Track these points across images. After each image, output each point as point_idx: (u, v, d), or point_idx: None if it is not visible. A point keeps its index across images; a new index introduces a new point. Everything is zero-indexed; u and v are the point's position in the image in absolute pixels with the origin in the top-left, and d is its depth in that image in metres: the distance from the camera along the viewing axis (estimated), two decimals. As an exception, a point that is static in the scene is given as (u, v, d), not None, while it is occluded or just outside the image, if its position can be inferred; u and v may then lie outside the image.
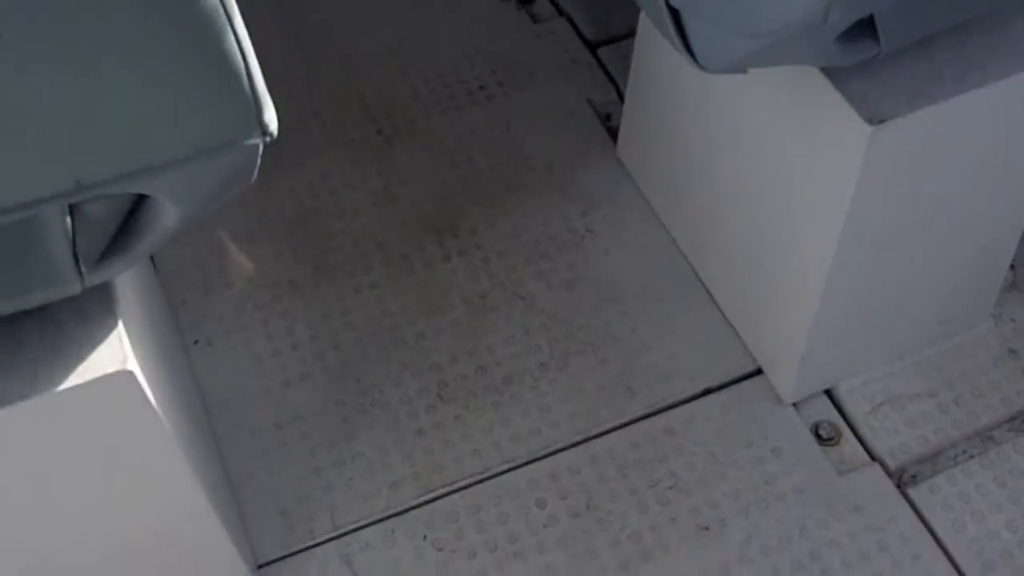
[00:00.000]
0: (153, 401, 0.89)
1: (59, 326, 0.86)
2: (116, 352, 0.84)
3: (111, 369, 0.84)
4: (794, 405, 1.35)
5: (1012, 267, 1.47)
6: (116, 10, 0.61)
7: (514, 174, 1.58)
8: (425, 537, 1.24)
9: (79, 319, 0.86)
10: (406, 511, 1.26)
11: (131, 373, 0.84)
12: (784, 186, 1.22)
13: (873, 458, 1.31)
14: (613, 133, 1.61)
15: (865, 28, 0.96)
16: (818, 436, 1.33)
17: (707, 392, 1.36)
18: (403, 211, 1.54)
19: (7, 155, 0.67)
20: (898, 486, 1.29)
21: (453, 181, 1.57)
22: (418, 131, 1.62)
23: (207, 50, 0.64)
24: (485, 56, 1.72)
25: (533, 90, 1.67)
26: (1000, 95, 1.09)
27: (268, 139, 0.73)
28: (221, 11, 0.64)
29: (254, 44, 0.69)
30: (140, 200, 0.78)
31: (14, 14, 0.59)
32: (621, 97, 1.64)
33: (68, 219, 0.75)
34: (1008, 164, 1.18)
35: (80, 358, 0.84)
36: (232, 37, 0.65)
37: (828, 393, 1.36)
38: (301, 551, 1.24)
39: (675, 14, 0.99)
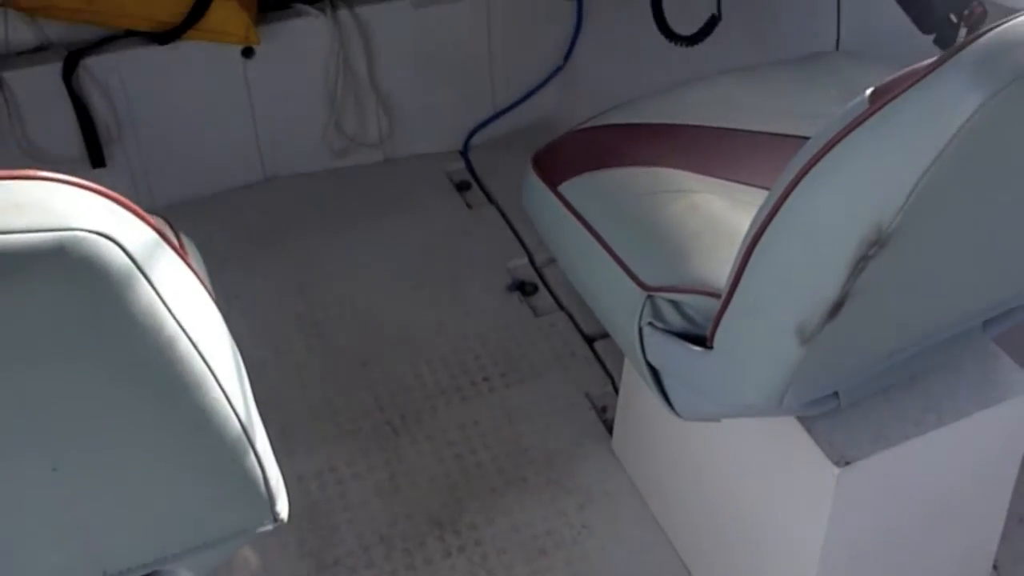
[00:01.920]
0: None
1: None
2: None
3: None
4: None
5: (995, 567, 1.52)
6: (159, 444, 0.70)
7: (514, 466, 1.65)
8: None
9: None
10: None
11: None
12: (765, 511, 1.29)
13: None
14: (609, 425, 1.70)
15: (825, 389, 1.06)
16: None
17: None
18: (407, 502, 1.61)
19: (44, 552, 0.75)
20: None
21: (456, 473, 1.65)
22: (424, 422, 1.71)
23: (232, 469, 0.74)
24: (489, 347, 1.83)
25: (533, 382, 1.77)
26: (957, 434, 1.17)
27: (279, 522, 0.82)
28: (244, 437, 0.73)
29: (277, 337, 0.78)
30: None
31: (70, 450, 0.69)
32: (616, 389, 1.74)
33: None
34: (973, 494, 1.25)
35: None
36: (252, 456, 0.75)
37: None
38: None
39: (655, 371, 1.09)
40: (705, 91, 1.36)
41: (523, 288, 1.95)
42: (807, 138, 1.27)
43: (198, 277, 0.71)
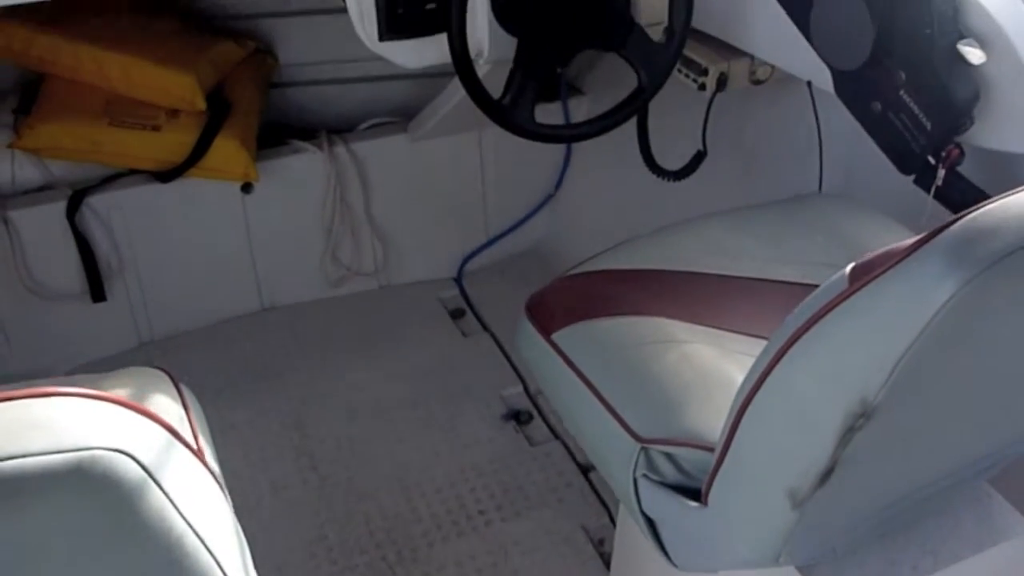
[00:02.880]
0: None
1: None
2: None
3: None
4: None
5: None
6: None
7: (512, 603, 1.65)
8: None
9: None
10: None
11: None
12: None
13: None
14: (607, 559, 1.70)
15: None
16: None
17: None
18: (404, 643, 1.60)
19: None
20: None
21: (453, 611, 1.64)
22: (420, 559, 1.71)
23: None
24: (485, 478, 1.84)
25: (529, 515, 1.77)
26: (953, 580, 1.18)
27: None
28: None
29: (273, 469, 0.78)
30: None
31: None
32: (613, 521, 1.74)
33: None
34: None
35: None
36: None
37: None
38: None
39: (651, 520, 1.10)
40: (692, 236, 1.40)
41: (518, 417, 1.97)
42: (793, 284, 1.32)
43: (207, 468, 0.72)
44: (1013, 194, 0.77)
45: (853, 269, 0.81)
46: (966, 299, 0.72)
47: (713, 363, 1.16)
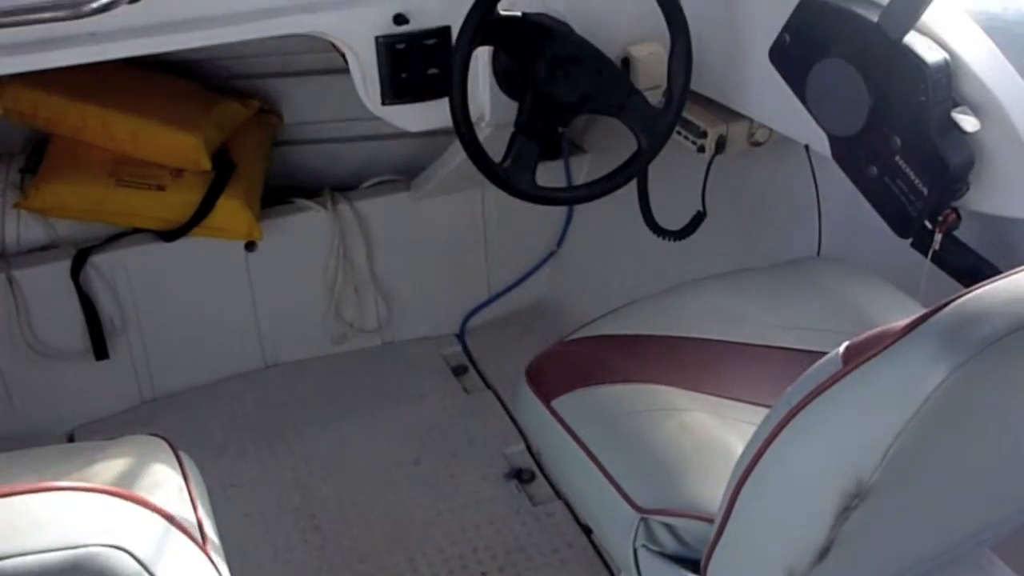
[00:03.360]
0: None
1: None
2: None
3: None
4: None
5: None
6: None
7: (512, 669, 1.63)
8: None
9: None
10: None
11: None
12: None
13: None
14: (608, 622, 1.69)
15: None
16: None
17: None
18: None
19: None
20: None
21: (454, 675, 1.62)
22: (422, 623, 1.70)
23: None
24: (487, 539, 1.83)
25: (531, 575, 1.76)
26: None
27: None
28: None
29: (274, 530, 0.78)
30: None
31: None
32: (615, 583, 1.73)
33: None
34: None
35: None
36: None
37: None
38: None
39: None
40: (692, 299, 1.41)
41: (520, 476, 1.96)
42: (792, 350, 1.32)
43: (205, 552, 0.73)
44: (1002, 278, 0.78)
45: (847, 348, 0.81)
46: (957, 383, 0.73)
47: (712, 432, 1.16)
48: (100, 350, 2.04)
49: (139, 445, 1.14)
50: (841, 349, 0.82)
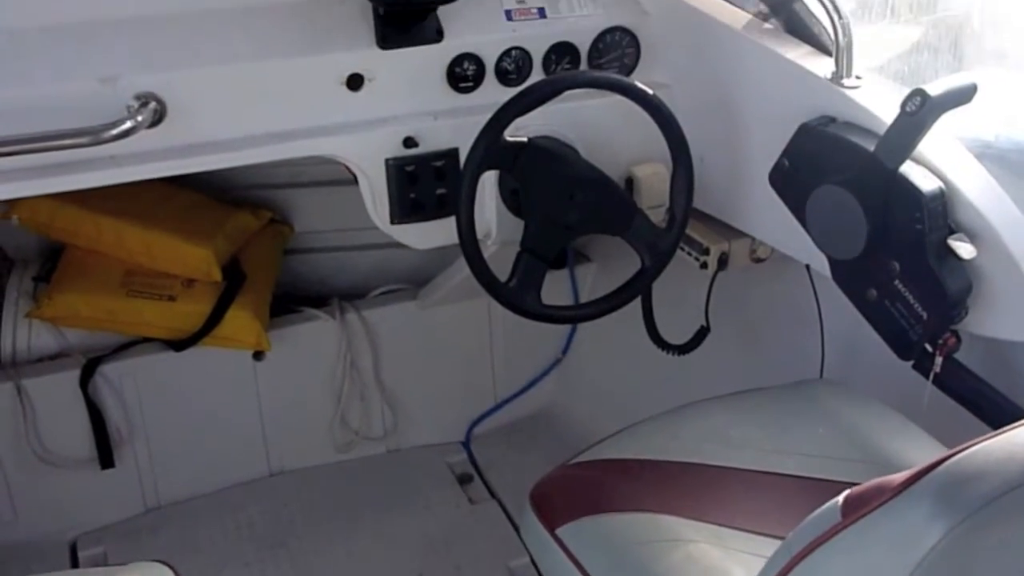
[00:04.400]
0: None
1: None
2: None
3: None
4: None
5: None
6: None
7: None
8: None
9: None
10: None
11: None
12: None
13: None
14: None
15: None
16: None
17: None
18: None
19: None
20: None
21: None
22: None
23: None
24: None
25: None
26: None
27: None
28: None
29: None
30: None
31: None
32: None
33: None
34: None
35: None
36: None
37: None
38: None
39: None
40: (695, 423, 1.42)
41: (525, 591, 1.94)
42: (795, 477, 1.33)
43: None
44: (998, 434, 0.79)
45: (846, 500, 0.82)
46: (955, 542, 0.74)
47: (717, 563, 1.16)
48: (106, 459, 2.04)
49: (143, 573, 1.15)
50: (840, 499, 0.83)
